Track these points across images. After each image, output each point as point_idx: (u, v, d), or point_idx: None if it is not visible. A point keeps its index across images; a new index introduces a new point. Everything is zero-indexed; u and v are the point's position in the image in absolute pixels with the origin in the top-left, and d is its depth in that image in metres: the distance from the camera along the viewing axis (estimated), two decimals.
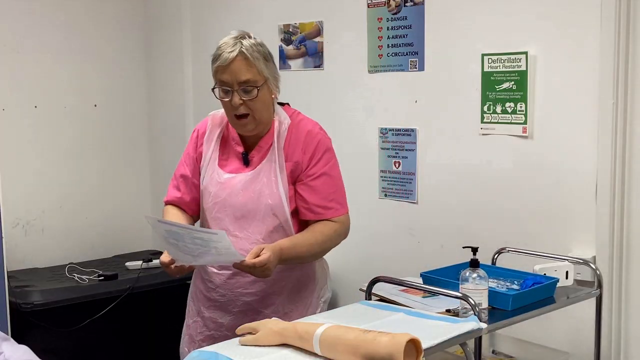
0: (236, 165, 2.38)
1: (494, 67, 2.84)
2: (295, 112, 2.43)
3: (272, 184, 2.31)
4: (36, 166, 3.96)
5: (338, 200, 2.41)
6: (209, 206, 2.40)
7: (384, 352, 1.60)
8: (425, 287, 2.24)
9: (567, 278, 2.44)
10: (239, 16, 3.86)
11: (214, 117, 2.45)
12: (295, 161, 2.33)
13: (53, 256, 3.94)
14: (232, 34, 2.31)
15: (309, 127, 2.38)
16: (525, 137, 2.79)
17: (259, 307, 2.38)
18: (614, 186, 2.59)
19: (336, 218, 2.39)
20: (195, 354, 1.77)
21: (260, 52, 2.29)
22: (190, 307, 2.56)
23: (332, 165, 2.41)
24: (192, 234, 2.10)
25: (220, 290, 2.40)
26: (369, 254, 3.39)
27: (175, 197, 2.49)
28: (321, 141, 2.38)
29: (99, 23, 4.14)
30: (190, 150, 2.47)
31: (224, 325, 2.41)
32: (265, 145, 2.36)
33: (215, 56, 2.29)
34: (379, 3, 3.23)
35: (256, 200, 2.32)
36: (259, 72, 2.27)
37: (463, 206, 3.02)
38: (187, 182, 2.47)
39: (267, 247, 2.17)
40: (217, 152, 2.41)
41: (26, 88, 3.90)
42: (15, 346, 1.94)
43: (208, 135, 2.43)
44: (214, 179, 2.38)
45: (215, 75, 2.29)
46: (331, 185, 2.39)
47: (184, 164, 2.48)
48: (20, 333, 3.10)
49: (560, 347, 2.68)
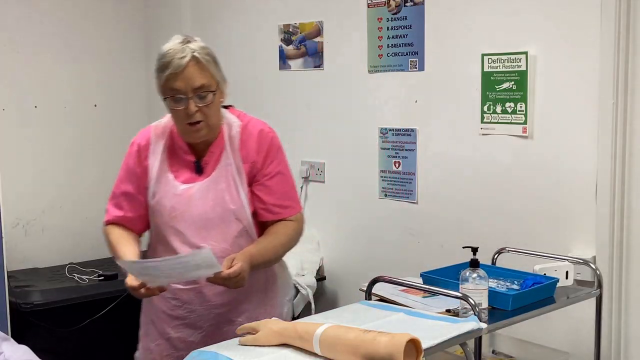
0: (189, 175, 2.27)
1: (494, 67, 2.84)
2: (242, 114, 2.35)
3: (231, 188, 2.24)
4: (36, 166, 3.96)
5: (293, 198, 2.35)
6: (165, 220, 2.27)
7: (384, 352, 1.60)
8: (425, 287, 2.24)
9: (567, 278, 2.44)
10: (239, 16, 3.86)
11: (156, 128, 2.32)
12: (252, 162, 2.27)
13: (53, 256, 3.94)
14: (176, 39, 2.18)
15: (259, 126, 2.31)
16: (525, 137, 2.79)
17: (231, 316, 2.31)
18: (614, 186, 2.60)
19: (293, 217, 2.32)
20: (195, 354, 1.77)
21: (210, 55, 2.19)
22: (149, 329, 2.40)
23: (285, 163, 2.35)
24: (171, 262, 2.03)
25: (188, 306, 2.29)
26: (369, 254, 3.39)
27: (117, 215, 2.33)
28: (273, 140, 2.31)
29: (99, 23, 4.14)
30: (132, 165, 2.32)
31: (195, 344, 2.27)
32: (216, 150, 2.27)
33: (163, 64, 2.15)
34: (379, 3, 3.23)
35: (217, 208, 2.24)
36: (212, 76, 2.18)
37: (463, 206, 3.02)
38: (131, 199, 2.32)
39: (237, 257, 2.10)
40: (166, 164, 2.29)
41: (26, 88, 3.90)
42: (15, 346, 1.94)
43: (153, 148, 2.29)
44: (169, 191, 2.26)
45: (166, 84, 2.16)
46: (286, 184, 2.33)
47: (125, 181, 2.33)
48: (20, 333, 3.10)
49: (560, 347, 2.68)
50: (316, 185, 3.61)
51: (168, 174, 2.28)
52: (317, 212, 3.62)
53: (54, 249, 3.99)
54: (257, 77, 3.81)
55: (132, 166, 2.32)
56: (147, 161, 2.29)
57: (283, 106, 3.70)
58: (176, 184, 2.26)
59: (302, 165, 3.63)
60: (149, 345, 2.38)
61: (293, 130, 3.66)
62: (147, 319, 2.41)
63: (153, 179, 2.28)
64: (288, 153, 3.76)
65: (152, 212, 2.31)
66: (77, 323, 3.38)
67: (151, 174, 2.28)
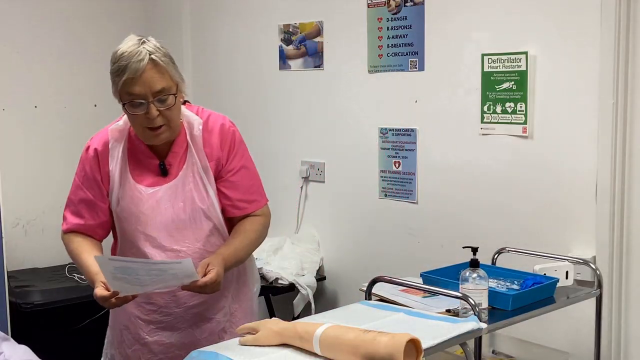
0: (153, 178, 2.20)
1: (494, 67, 2.84)
2: (200, 109, 2.28)
3: (199, 187, 2.20)
4: (36, 166, 3.96)
5: (259, 192, 2.31)
6: (133, 226, 2.20)
7: (384, 352, 1.60)
8: (425, 287, 2.24)
9: (567, 278, 2.44)
10: (239, 16, 3.86)
11: (113, 131, 2.24)
12: (216, 159, 2.21)
13: (53, 256, 3.93)
14: (130, 40, 2.08)
15: (220, 121, 2.24)
16: (525, 137, 2.79)
17: (209, 314, 2.28)
18: (614, 186, 2.60)
19: (259, 211, 2.28)
20: (195, 354, 1.77)
21: (167, 55, 2.10)
22: (122, 336, 2.33)
23: (248, 157, 2.30)
24: (148, 266, 1.97)
25: (165, 310, 2.25)
26: (369, 254, 3.39)
27: (77, 223, 2.24)
28: (235, 134, 2.25)
29: (98, 23, 4.13)
30: (90, 171, 2.23)
31: (173, 345, 2.26)
32: (179, 149, 2.20)
33: (119, 68, 2.05)
34: (379, 3, 3.23)
35: (187, 208, 2.19)
36: (171, 77, 2.09)
37: (463, 206, 3.02)
38: (91, 207, 2.23)
39: (212, 262, 2.06)
40: (127, 168, 2.21)
41: (26, 88, 3.90)
42: (15, 346, 1.94)
43: (112, 153, 2.21)
44: (135, 197, 2.19)
45: (123, 88, 2.06)
46: (250, 178, 2.28)
47: (82, 188, 2.24)
48: (20, 333, 3.10)
49: (560, 347, 2.68)
50: (316, 185, 3.61)
51: (131, 178, 2.20)
52: (317, 212, 3.62)
53: (54, 249, 3.96)
54: (257, 77, 3.80)
55: (90, 172, 2.23)
56: (108, 167, 2.22)
57: (283, 106, 3.70)
58: (141, 188, 2.19)
59: (302, 165, 3.63)
60: (126, 352, 2.32)
61: (293, 130, 3.67)
62: (120, 325, 2.34)
63: (115, 185, 2.21)
64: (288, 153, 3.79)
65: (118, 218, 2.24)
66: (77, 323, 3.38)
67: (113, 179, 2.21)
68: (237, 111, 3.47)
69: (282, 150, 3.72)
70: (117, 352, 2.36)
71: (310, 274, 3.47)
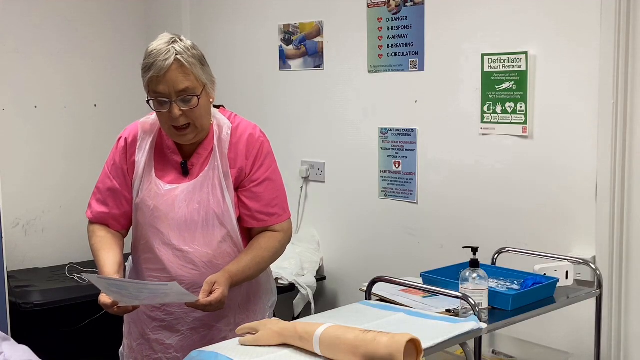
0: (175, 176, 2.22)
1: (494, 67, 2.84)
2: (233, 115, 2.29)
3: (217, 192, 2.18)
4: (36, 166, 3.96)
5: (281, 206, 2.27)
6: (147, 221, 2.22)
7: (384, 352, 1.60)
8: (425, 287, 2.24)
9: (567, 278, 2.44)
10: (239, 16, 3.86)
11: (144, 124, 2.26)
12: (239, 167, 2.20)
13: (53, 256, 3.94)
14: (162, 38, 2.11)
15: (249, 130, 2.24)
16: (525, 137, 2.79)
17: (211, 321, 2.26)
18: (614, 186, 2.60)
19: (278, 226, 2.25)
20: (195, 354, 1.77)
21: (195, 57, 2.12)
22: (131, 329, 2.37)
23: (274, 169, 2.27)
24: (137, 286, 1.99)
25: (167, 308, 2.25)
26: (369, 254, 3.39)
27: (102, 211, 2.28)
28: (263, 145, 2.24)
29: (98, 23, 4.14)
30: (118, 161, 2.25)
31: (172, 347, 2.26)
32: (204, 152, 2.21)
33: (147, 65, 2.09)
34: (379, 3, 3.23)
35: (201, 211, 2.18)
36: (197, 78, 2.10)
37: (463, 206, 3.02)
38: (116, 196, 2.26)
39: (218, 281, 2.04)
40: (152, 162, 2.22)
41: (26, 88, 3.90)
42: (15, 346, 1.94)
43: (140, 144, 2.23)
44: (153, 190, 2.20)
45: (149, 86, 2.10)
46: (274, 191, 2.26)
47: (110, 177, 2.26)
48: (20, 333, 3.10)
49: (560, 347, 2.68)
50: (316, 185, 3.61)
51: (153, 172, 2.22)
52: (317, 212, 3.62)
53: (54, 249, 3.99)
54: (257, 77, 3.80)
55: (119, 162, 2.26)
56: (134, 157, 2.24)
57: (283, 106, 3.70)
58: (161, 183, 2.21)
59: (302, 165, 3.63)
60: (132, 345, 2.36)
61: (293, 130, 3.67)
62: (129, 318, 2.38)
63: (139, 177, 2.23)
64: (288, 153, 3.78)
65: (136, 209, 2.26)
66: (77, 323, 3.38)
67: (137, 171, 2.23)
68: (237, 111, 3.43)
69: (282, 151, 3.69)
70: (127, 343, 2.41)
71: (310, 274, 3.47)
